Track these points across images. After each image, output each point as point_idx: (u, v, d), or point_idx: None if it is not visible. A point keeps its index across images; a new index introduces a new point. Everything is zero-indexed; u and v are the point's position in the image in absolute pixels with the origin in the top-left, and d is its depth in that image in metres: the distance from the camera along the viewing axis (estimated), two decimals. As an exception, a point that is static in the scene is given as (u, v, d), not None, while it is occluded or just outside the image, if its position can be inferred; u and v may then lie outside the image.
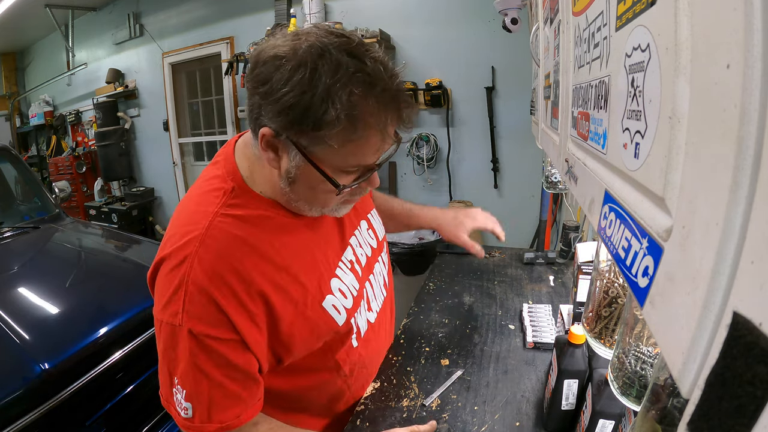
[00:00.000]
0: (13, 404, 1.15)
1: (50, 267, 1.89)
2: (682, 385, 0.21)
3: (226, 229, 0.63)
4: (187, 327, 0.59)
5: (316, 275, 0.71)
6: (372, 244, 0.88)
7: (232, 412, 0.65)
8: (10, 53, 5.59)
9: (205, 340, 0.60)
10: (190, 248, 0.61)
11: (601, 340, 0.72)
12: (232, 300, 0.61)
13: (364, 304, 0.83)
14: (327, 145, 0.56)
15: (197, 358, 0.61)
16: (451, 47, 2.87)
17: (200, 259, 0.60)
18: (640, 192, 0.30)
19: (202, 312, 0.60)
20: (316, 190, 0.62)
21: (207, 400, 0.63)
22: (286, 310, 0.66)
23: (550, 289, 1.38)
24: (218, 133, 4.17)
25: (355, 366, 0.85)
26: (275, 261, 0.65)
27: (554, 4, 0.75)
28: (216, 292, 0.59)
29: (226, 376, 0.63)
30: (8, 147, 2.61)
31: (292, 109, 0.53)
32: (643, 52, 0.29)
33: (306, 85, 0.52)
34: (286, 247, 0.67)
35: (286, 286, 0.66)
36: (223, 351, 0.62)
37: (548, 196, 2.36)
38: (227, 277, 0.60)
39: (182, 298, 0.59)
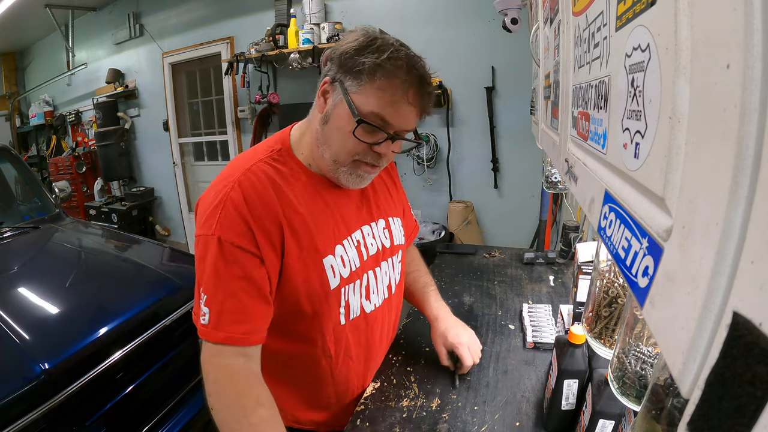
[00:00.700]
0: (13, 404, 1.15)
1: (50, 267, 1.89)
2: (682, 385, 0.21)
3: (264, 170, 0.76)
4: (218, 235, 0.70)
5: (324, 234, 0.80)
6: (385, 243, 0.92)
7: (241, 327, 0.71)
8: (10, 53, 5.59)
9: (230, 248, 0.70)
10: (233, 178, 0.74)
11: (601, 340, 0.72)
12: (257, 221, 0.72)
13: (360, 286, 0.87)
14: (362, 87, 0.70)
15: (219, 264, 0.70)
16: (451, 47, 2.87)
17: (239, 185, 0.73)
18: (640, 192, 0.30)
19: (232, 224, 0.70)
20: (342, 131, 0.73)
21: (220, 307, 0.70)
22: (292, 248, 0.75)
23: (550, 289, 1.38)
24: (218, 133, 4.17)
25: (341, 348, 0.87)
26: (295, 206, 0.76)
27: (554, 4, 0.75)
28: (246, 211, 0.71)
29: (242, 289, 0.71)
30: (8, 147, 2.61)
31: (349, 56, 0.71)
32: (643, 52, 0.29)
33: (364, 43, 0.71)
34: (307, 202, 0.78)
35: (298, 228, 0.76)
36: (243, 261, 0.71)
37: (548, 196, 2.36)
38: (256, 203, 0.72)
39: (218, 213, 0.71)
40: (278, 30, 3.22)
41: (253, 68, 3.44)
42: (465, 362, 0.96)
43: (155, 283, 1.75)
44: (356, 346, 0.90)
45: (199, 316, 0.72)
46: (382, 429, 0.86)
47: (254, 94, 3.51)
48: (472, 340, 1.00)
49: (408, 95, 0.72)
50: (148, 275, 1.83)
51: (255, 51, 3.22)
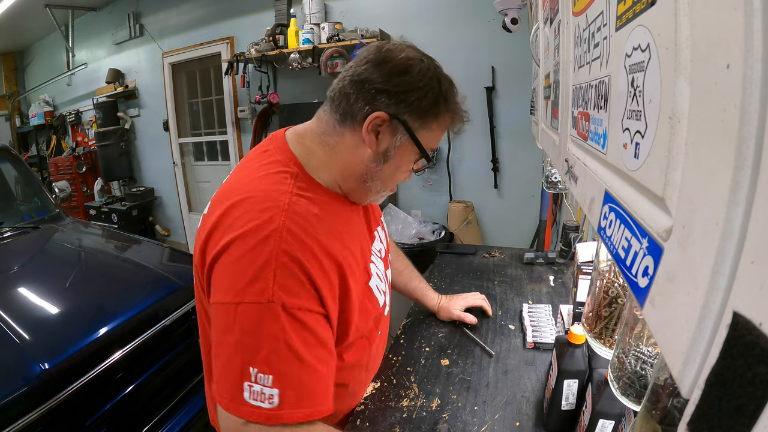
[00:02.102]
0: (13, 404, 1.15)
1: (50, 267, 1.89)
2: (682, 385, 0.21)
3: (305, 206, 0.64)
4: (281, 303, 0.57)
5: (363, 257, 0.75)
6: (384, 244, 0.94)
7: (320, 399, 0.62)
8: (10, 53, 5.59)
9: (298, 314, 0.59)
10: (276, 223, 0.60)
11: (601, 340, 0.72)
12: (320, 271, 0.61)
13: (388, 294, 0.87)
14: (431, 129, 0.68)
15: (289, 336, 0.58)
16: (451, 47, 2.87)
17: (289, 231, 0.60)
18: (640, 192, 0.30)
19: (296, 285, 0.59)
20: (400, 169, 0.71)
21: (297, 383, 0.59)
22: (354, 286, 0.69)
23: (550, 289, 1.38)
24: (218, 133, 4.17)
25: (372, 357, 0.86)
26: (342, 240, 0.68)
27: (554, 4, 0.75)
28: (307, 262, 0.59)
29: (316, 357, 0.61)
30: (8, 147, 2.61)
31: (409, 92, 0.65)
32: (643, 52, 0.29)
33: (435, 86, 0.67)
34: (343, 230, 0.70)
35: (351, 263, 0.69)
36: (313, 326, 0.60)
37: (548, 196, 2.36)
38: (314, 249, 0.61)
39: (272, 273, 0.57)
40: (278, 30, 3.22)
41: (253, 68, 3.44)
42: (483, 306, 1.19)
43: (155, 283, 1.75)
44: (379, 351, 0.92)
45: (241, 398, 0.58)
46: (382, 429, 0.86)
47: (254, 94, 3.51)
48: (472, 295, 1.22)
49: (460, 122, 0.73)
50: (148, 275, 1.83)
51: (255, 51, 3.22)
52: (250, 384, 0.58)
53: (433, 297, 1.22)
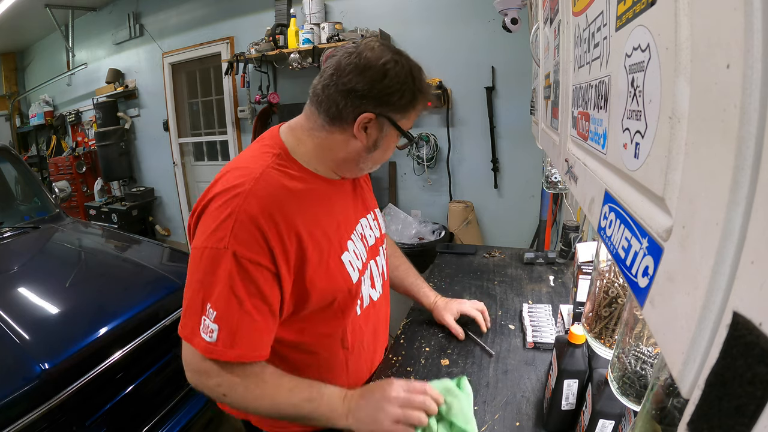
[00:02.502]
0: (13, 404, 1.15)
1: (50, 267, 1.89)
2: (682, 385, 0.21)
3: (276, 177, 0.74)
4: (232, 250, 0.67)
5: (338, 233, 0.83)
6: (375, 233, 0.97)
7: (252, 345, 0.70)
8: (10, 53, 5.59)
9: (246, 264, 0.68)
10: (245, 186, 0.70)
11: (601, 340, 0.72)
12: (275, 234, 0.69)
13: (368, 276, 0.91)
14: (409, 115, 0.79)
15: (234, 281, 0.67)
16: (451, 47, 2.87)
17: (253, 194, 0.70)
18: (640, 192, 0.30)
19: (249, 238, 0.68)
20: (387, 151, 0.82)
21: (234, 326, 0.68)
22: (313, 256, 0.75)
23: (550, 289, 1.38)
24: (218, 133, 4.17)
25: (356, 339, 0.90)
26: (309, 213, 0.76)
27: (554, 4, 0.75)
28: (264, 223, 0.68)
29: (255, 307, 0.69)
30: (8, 147, 2.61)
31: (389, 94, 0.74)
32: (643, 52, 0.29)
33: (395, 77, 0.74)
34: (319, 205, 0.79)
35: (316, 235, 0.76)
36: (258, 278, 0.69)
37: (548, 196, 2.36)
38: (275, 214, 0.70)
39: (231, 226, 0.67)
40: (278, 30, 3.22)
41: (253, 68, 3.44)
42: (476, 318, 1.14)
43: (155, 283, 1.75)
44: (368, 336, 0.94)
45: (199, 333, 0.68)
46: (382, 429, 0.86)
47: (254, 94, 3.51)
48: (472, 302, 1.17)
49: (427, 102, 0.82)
50: (148, 275, 1.83)
51: (255, 51, 3.22)
52: (205, 318, 0.69)
53: (430, 295, 1.22)
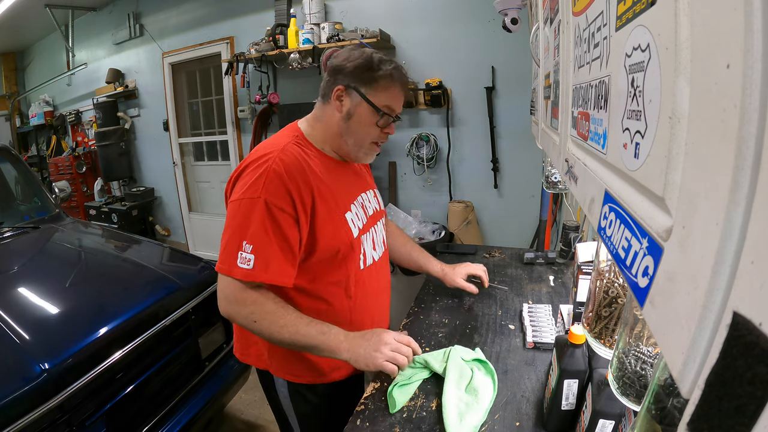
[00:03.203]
0: (13, 404, 1.15)
1: (50, 267, 1.89)
2: (682, 385, 0.21)
3: (296, 149, 0.96)
4: (264, 198, 0.87)
5: (342, 197, 1.01)
6: (376, 207, 1.15)
7: (281, 271, 0.90)
8: (10, 53, 5.59)
9: (274, 209, 0.88)
10: (272, 155, 0.92)
11: (601, 340, 0.72)
12: (296, 188, 0.90)
13: (369, 238, 1.08)
14: (376, 90, 0.96)
15: (265, 221, 0.87)
16: (451, 47, 2.87)
17: (279, 159, 0.91)
18: (640, 192, 0.30)
19: (276, 190, 0.88)
20: (363, 123, 0.98)
21: (267, 255, 0.88)
22: (322, 210, 0.94)
23: (550, 289, 1.38)
24: (218, 133, 4.17)
25: (359, 291, 1.05)
26: (320, 177, 0.96)
27: (554, 4, 0.75)
28: (288, 180, 0.89)
29: (280, 243, 0.89)
30: (8, 147, 2.60)
31: (362, 70, 0.95)
32: (643, 52, 0.29)
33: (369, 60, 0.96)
34: (325, 174, 0.98)
35: (325, 195, 0.96)
36: (282, 221, 0.88)
37: (548, 196, 2.36)
38: (295, 174, 0.91)
39: (263, 181, 0.88)
40: (278, 30, 3.22)
41: (253, 68, 3.43)
42: (481, 276, 1.33)
43: (155, 283, 1.75)
44: (369, 291, 1.09)
45: (236, 264, 0.88)
46: (382, 429, 0.86)
47: (254, 94, 3.51)
48: (473, 264, 1.36)
49: (403, 88, 1.00)
50: (148, 275, 1.83)
51: (255, 51, 3.22)
52: (241, 252, 0.88)
53: (436, 264, 1.35)
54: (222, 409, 1.96)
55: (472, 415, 0.85)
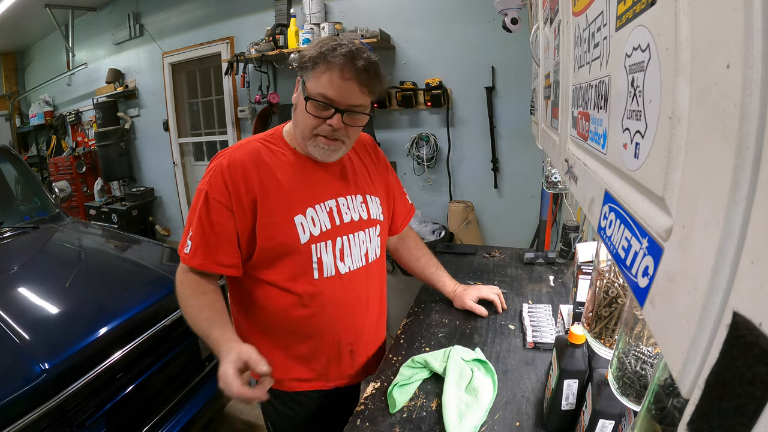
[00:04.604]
0: (13, 404, 1.15)
1: (50, 267, 1.89)
2: (682, 385, 0.21)
3: (255, 147, 0.97)
4: (206, 190, 0.92)
5: (298, 197, 0.97)
6: (362, 215, 1.05)
7: (211, 258, 0.94)
8: (10, 53, 5.59)
9: (212, 202, 0.92)
10: (229, 150, 0.97)
11: (601, 340, 0.72)
12: (233, 184, 0.92)
13: (333, 247, 1.00)
14: (313, 78, 0.90)
15: (202, 211, 0.92)
16: (451, 47, 2.87)
17: (230, 156, 0.94)
18: (640, 192, 0.30)
19: (217, 183, 0.92)
20: (301, 112, 0.93)
21: (199, 242, 0.93)
22: (264, 209, 0.93)
23: (550, 289, 1.38)
24: (218, 133, 4.17)
25: (316, 301, 1.00)
26: (274, 174, 0.95)
27: (554, 4, 0.75)
28: (228, 174, 0.92)
29: (215, 233, 0.93)
30: (8, 147, 2.60)
31: (308, 58, 0.90)
32: (643, 52, 0.29)
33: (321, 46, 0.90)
34: (286, 173, 0.97)
35: (272, 194, 0.94)
36: (218, 213, 0.92)
37: (548, 196, 2.36)
38: (237, 170, 0.93)
39: (209, 174, 0.94)
40: (278, 30, 3.22)
41: (253, 68, 3.43)
42: (494, 300, 1.26)
43: (155, 283, 1.75)
44: (331, 304, 1.01)
45: (183, 247, 0.95)
46: (382, 429, 0.86)
47: (254, 94, 3.51)
48: (487, 287, 1.30)
49: (343, 73, 0.88)
50: (148, 275, 1.83)
51: (255, 51, 3.22)
52: (188, 237, 0.95)
53: (450, 284, 1.30)
54: (222, 409, 1.96)
55: (472, 415, 0.85)
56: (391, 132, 3.16)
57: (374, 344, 1.16)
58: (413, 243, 1.31)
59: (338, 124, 0.91)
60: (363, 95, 0.91)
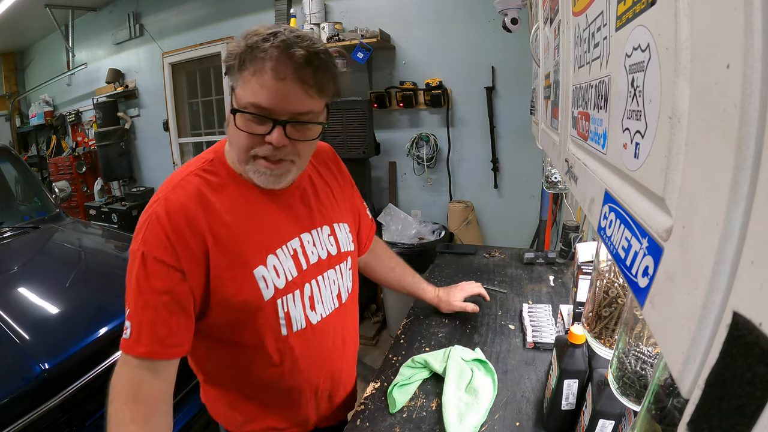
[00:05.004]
0: (13, 404, 1.15)
1: (50, 267, 1.89)
2: (682, 385, 0.21)
3: (193, 183, 0.76)
4: (141, 250, 0.70)
5: (255, 244, 0.78)
6: (330, 250, 0.88)
7: (161, 342, 0.70)
8: (10, 53, 5.59)
9: (151, 262, 0.70)
10: (162, 194, 0.75)
11: (601, 340, 0.72)
12: (179, 235, 0.71)
13: (301, 297, 0.83)
14: (242, 82, 0.69)
15: (141, 278, 0.70)
16: (451, 47, 2.87)
17: (166, 201, 0.73)
18: (640, 192, 0.30)
19: (155, 238, 0.71)
20: (231, 128, 0.72)
21: (140, 322, 0.69)
22: (219, 261, 0.74)
23: (550, 289, 1.38)
24: (218, 133, 4.17)
25: (287, 358, 0.83)
26: (222, 217, 0.75)
27: (554, 4, 0.75)
28: (169, 225, 0.71)
29: (164, 304, 0.70)
30: (8, 147, 2.61)
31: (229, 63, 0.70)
32: (643, 52, 0.29)
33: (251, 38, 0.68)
34: (236, 212, 0.77)
35: (224, 240, 0.74)
36: (164, 275, 0.70)
37: (548, 196, 2.36)
38: (179, 217, 0.72)
39: (144, 229, 0.72)
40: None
41: (253, 68, 3.43)
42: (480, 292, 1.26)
43: (155, 283, 1.75)
44: (305, 358, 0.85)
45: (124, 330, 0.71)
46: (382, 429, 0.86)
47: (254, 94, 3.51)
48: (468, 283, 1.28)
49: (277, 71, 0.65)
50: (148, 275, 1.83)
51: (255, 51, 3.22)
52: (128, 317, 0.71)
53: (430, 290, 1.25)
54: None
55: (472, 415, 0.85)
56: (391, 132, 3.16)
57: (351, 381, 1.03)
58: (384, 254, 1.19)
59: (280, 140, 0.70)
60: (309, 98, 0.69)
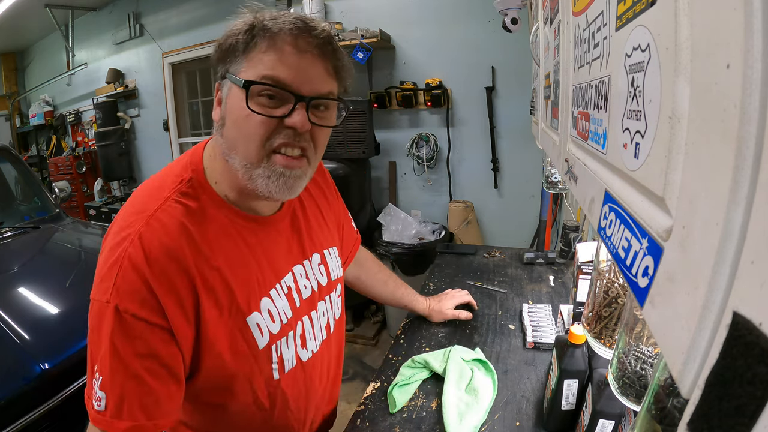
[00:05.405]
0: (13, 404, 1.15)
1: (50, 267, 1.89)
2: (682, 385, 0.21)
3: (174, 214, 0.61)
4: (114, 303, 0.56)
5: (246, 288, 0.67)
6: (321, 280, 0.80)
7: (147, 414, 0.59)
8: (10, 53, 5.59)
9: (130, 321, 0.56)
10: (135, 227, 0.59)
11: (601, 340, 0.72)
12: (165, 284, 0.57)
13: (294, 336, 0.75)
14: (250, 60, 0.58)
15: (117, 340, 0.56)
16: (451, 47, 2.87)
17: (141, 238, 0.58)
18: (640, 192, 0.30)
19: (132, 290, 0.56)
20: (240, 116, 0.59)
21: (120, 393, 0.57)
22: (210, 311, 0.62)
23: (550, 289, 1.38)
24: (218, 133, 4.17)
25: (276, 401, 0.75)
26: (209, 258, 0.62)
27: (554, 4, 0.75)
28: (149, 273, 0.57)
29: (146, 369, 0.58)
30: (8, 147, 2.61)
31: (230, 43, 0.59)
32: (643, 52, 0.29)
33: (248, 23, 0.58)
34: (224, 250, 0.64)
35: (215, 286, 0.62)
36: (147, 337, 0.57)
37: (548, 196, 2.36)
38: (162, 260, 0.58)
39: (115, 274, 0.57)
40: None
41: (253, 68, 3.43)
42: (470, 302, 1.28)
43: (155, 283, 1.75)
44: (295, 398, 0.77)
45: (92, 399, 0.58)
46: (382, 429, 0.86)
47: (254, 94, 3.51)
48: (456, 291, 1.29)
49: (297, 45, 0.58)
50: (148, 275, 1.83)
51: (255, 51, 3.22)
52: (95, 381, 0.58)
53: (422, 301, 1.24)
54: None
55: (472, 415, 0.85)
56: (391, 132, 3.16)
57: (335, 402, 0.95)
58: (375, 267, 1.14)
59: (304, 122, 0.59)
60: (330, 78, 0.61)
